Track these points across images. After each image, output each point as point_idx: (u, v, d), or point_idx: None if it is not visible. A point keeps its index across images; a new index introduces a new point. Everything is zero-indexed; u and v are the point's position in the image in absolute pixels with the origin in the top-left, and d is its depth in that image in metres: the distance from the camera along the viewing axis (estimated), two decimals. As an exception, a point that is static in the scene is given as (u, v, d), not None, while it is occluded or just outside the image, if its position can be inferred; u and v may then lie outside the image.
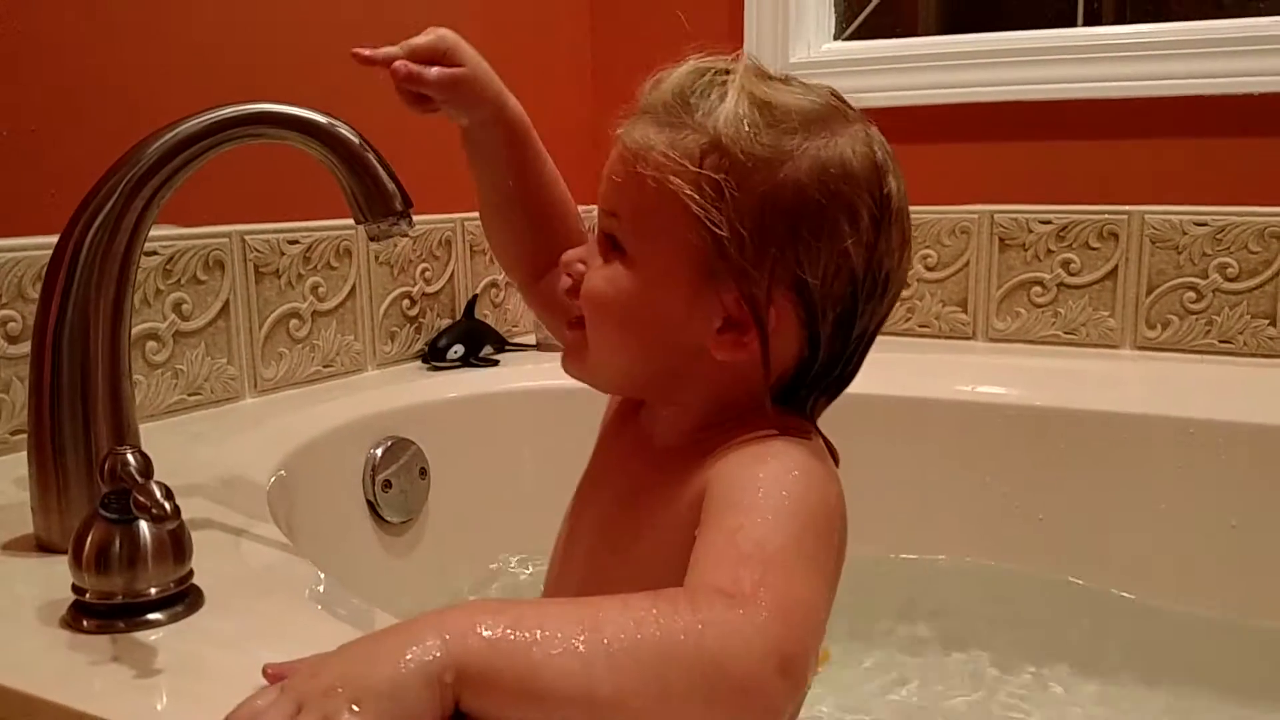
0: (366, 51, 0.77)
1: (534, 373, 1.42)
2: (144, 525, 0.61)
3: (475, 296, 1.51)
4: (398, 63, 0.76)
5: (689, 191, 0.59)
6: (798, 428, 0.62)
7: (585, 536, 0.74)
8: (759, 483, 0.55)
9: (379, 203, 0.76)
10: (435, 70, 0.77)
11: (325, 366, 1.32)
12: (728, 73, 0.61)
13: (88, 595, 0.61)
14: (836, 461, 0.65)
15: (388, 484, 1.21)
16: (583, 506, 0.76)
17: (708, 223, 0.58)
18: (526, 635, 0.43)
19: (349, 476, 1.19)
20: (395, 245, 1.41)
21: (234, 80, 1.19)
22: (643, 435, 0.71)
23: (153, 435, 1.06)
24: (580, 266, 0.68)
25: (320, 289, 1.31)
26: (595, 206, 1.98)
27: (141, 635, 0.61)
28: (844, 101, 0.63)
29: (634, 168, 0.61)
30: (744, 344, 0.61)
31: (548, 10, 1.73)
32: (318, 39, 1.30)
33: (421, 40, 0.77)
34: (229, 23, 1.20)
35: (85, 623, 0.62)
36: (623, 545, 0.68)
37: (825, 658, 1.21)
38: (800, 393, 0.64)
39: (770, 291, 0.59)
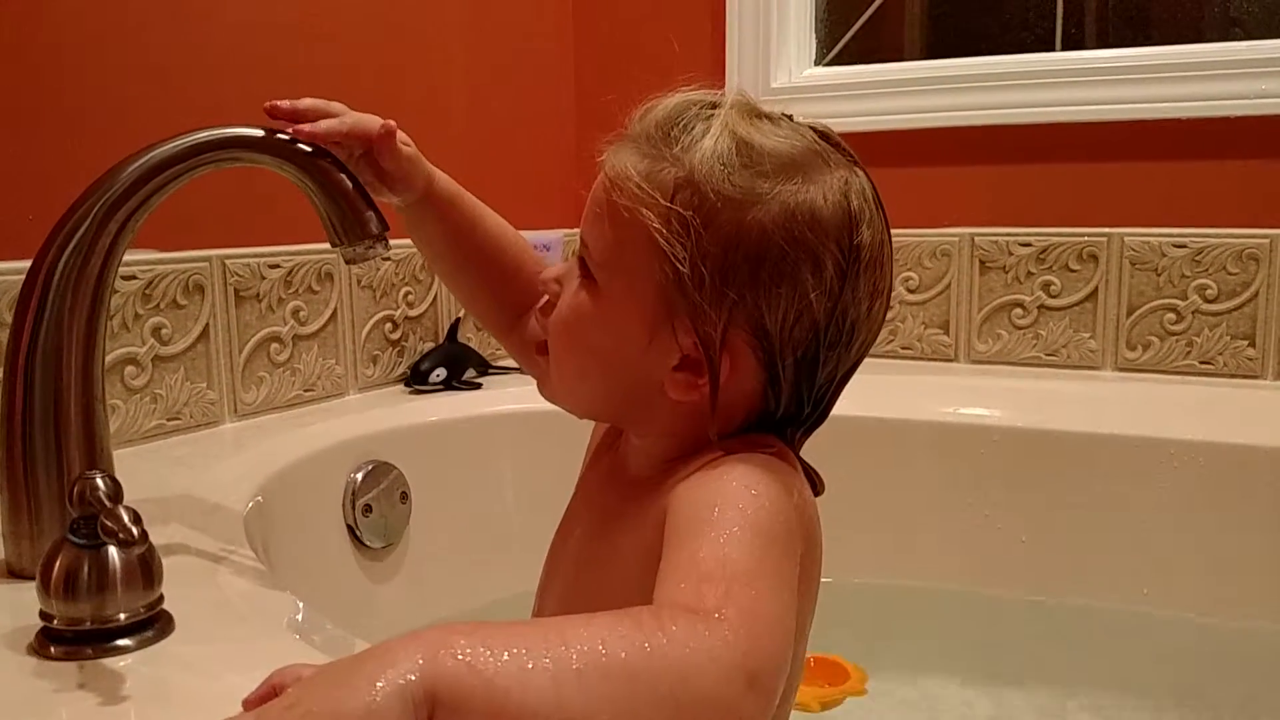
0: (285, 104, 0.78)
1: (517, 396, 1.42)
2: (113, 550, 0.61)
3: (458, 320, 1.51)
4: (391, 121, 0.79)
5: (657, 225, 0.59)
6: (757, 444, 0.62)
7: (563, 566, 0.74)
8: (715, 501, 0.55)
9: (354, 226, 0.77)
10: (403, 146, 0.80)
11: (306, 390, 1.32)
12: (715, 107, 0.61)
13: (55, 621, 0.61)
14: (819, 489, 0.65)
15: (368, 508, 1.20)
16: (563, 537, 0.76)
17: (672, 258, 0.58)
18: (496, 655, 0.42)
19: (329, 501, 1.18)
20: (377, 269, 1.41)
21: (212, 104, 1.19)
22: (619, 465, 0.71)
23: (131, 460, 1.07)
24: (555, 286, 0.68)
25: (301, 313, 1.30)
26: (579, 229, 1.97)
27: (110, 661, 0.61)
28: (833, 145, 0.63)
29: (610, 195, 0.62)
30: (697, 385, 0.61)
31: (531, 33, 1.74)
32: (299, 63, 1.30)
33: (366, 117, 0.80)
34: (209, 47, 1.21)
35: (53, 649, 0.61)
36: (594, 574, 0.68)
37: (860, 692, 1.20)
38: (775, 426, 0.64)
39: (726, 333, 0.59)
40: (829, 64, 1.71)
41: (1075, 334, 1.50)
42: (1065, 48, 1.57)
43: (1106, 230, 1.47)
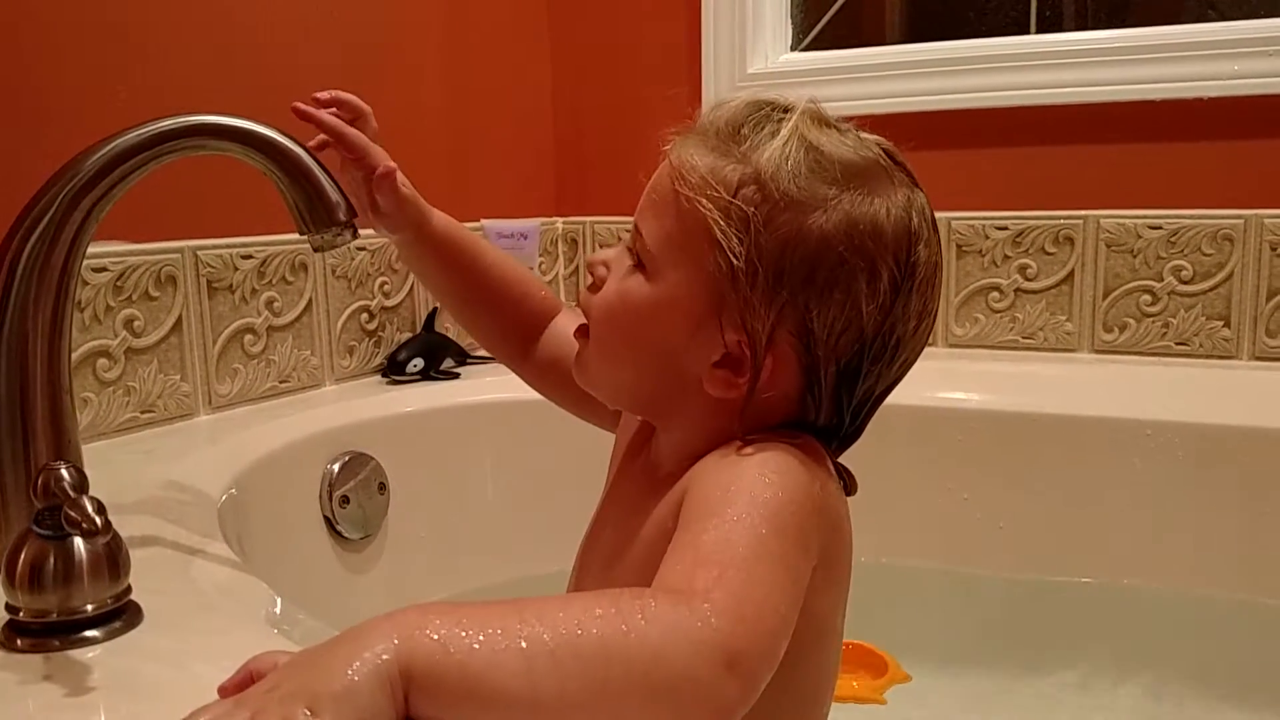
0: (325, 95, 0.83)
1: (495, 385, 1.41)
2: (79, 541, 0.60)
3: (435, 309, 1.51)
4: (392, 164, 0.82)
5: (717, 216, 0.59)
6: (783, 436, 0.61)
7: (593, 566, 0.74)
8: (729, 485, 0.55)
9: (322, 213, 0.76)
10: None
11: (282, 382, 1.31)
12: (786, 111, 0.62)
13: (21, 614, 0.61)
14: (851, 489, 0.65)
15: (345, 499, 1.20)
16: (593, 538, 0.76)
17: (728, 250, 0.59)
18: (471, 635, 0.43)
19: (305, 492, 1.18)
20: (353, 259, 1.40)
21: (183, 92, 1.18)
22: (650, 467, 0.71)
23: (105, 453, 1.06)
24: (603, 270, 0.68)
25: (276, 304, 1.30)
26: (559, 218, 1.97)
27: (77, 653, 0.60)
28: (896, 162, 0.63)
29: (673, 184, 0.62)
30: (736, 384, 0.61)
31: (507, 20, 1.73)
32: (273, 54, 1.29)
33: (374, 145, 0.83)
34: (178, 34, 1.20)
35: (19, 642, 0.61)
36: (621, 569, 0.68)
37: (904, 678, 1.20)
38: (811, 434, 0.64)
39: (773, 333, 0.59)
40: (805, 49, 1.70)
41: (1052, 317, 1.50)
42: (1040, 30, 1.57)
43: (1082, 213, 1.47)
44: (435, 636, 0.42)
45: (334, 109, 0.84)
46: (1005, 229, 1.51)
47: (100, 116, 1.09)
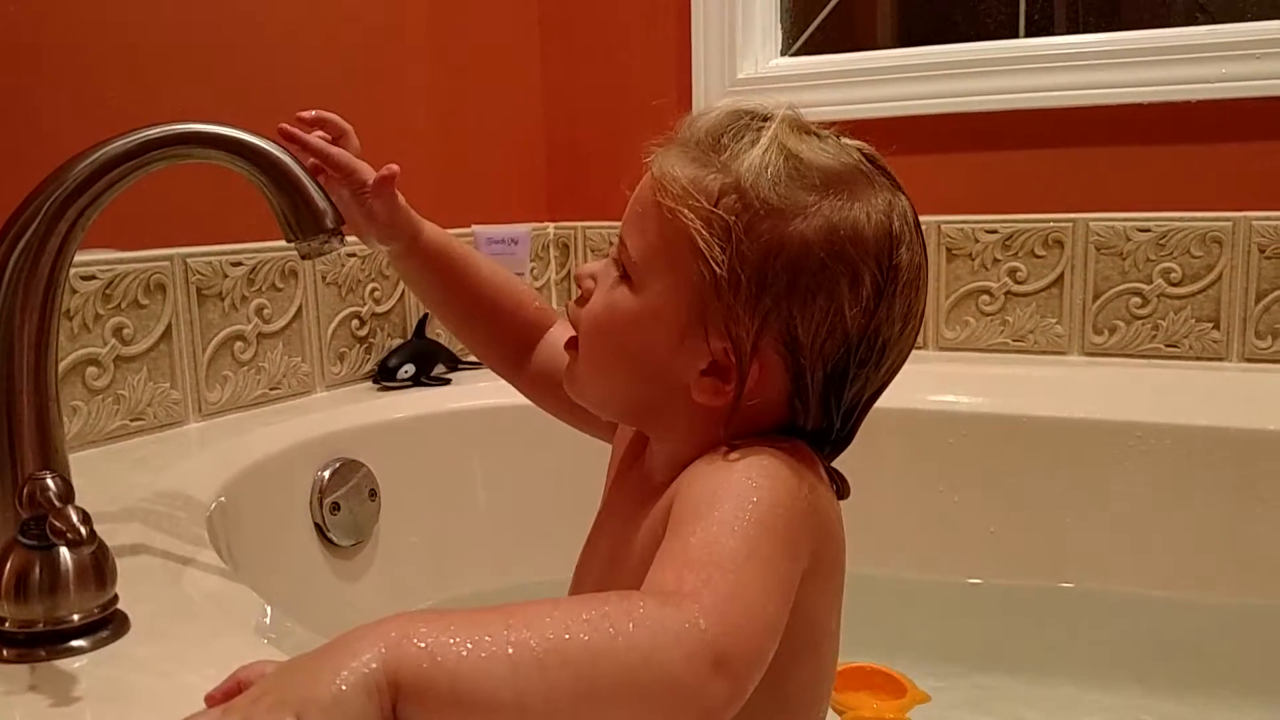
0: (309, 115, 0.84)
1: (486, 391, 1.41)
2: (64, 551, 0.60)
3: (426, 315, 1.51)
4: (395, 165, 0.82)
5: (699, 226, 0.59)
6: (770, 441, 0.61)
7: (590, 580, 0.74)
8: (716, 489, 0.55)
9: (309, 221, 0.76)
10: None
11: (272, 389, 1.31)
12: (766, 120, 0.62)
13: (7, 624, 0.60)
14: (843, 493, 0.66)
15: (336, 506, 1.19)
16: (590, 552, 0.76)
17: (710, 260, 0.59)
18: (458, 643, 0.43)
19: (296, 499, 1.17)
20: (343, 265, 1.40)
21: (174, 101, 1.18)
22: (645, 477, 0.71)
23: (94, 462, 1.06)
24: (590, 283, 0.68)
25: (265, 311, 1.30)
26: (551, 223, 1.97)
27: (64, 663, 0.60)
28: (878, 166, 0.63)
29: (654, 196, 0.62)
30: (724, 391, 0.61)
31: (497, 26, 1.73)
32: (262, 61, 1.29)
33: (359, 161, 0.84)
34: (168, 42, 1.19)
35: (5, 652, 0.60)
36: (618, 580, 0.68)
37: (924, 698, 1.19)
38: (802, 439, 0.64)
39: (758, 340, 0.59)
40: (795, 54, 1.71)
41: (1042, 319, 1.51)
42: (1029, 34, 1.58)
43: (1072, 216, 1.48)
44: (422, 644, 0.42)
45: (319, 129, 0.84)
46: (995, 232, 1.52)
47: (87, 125, 1.09)
